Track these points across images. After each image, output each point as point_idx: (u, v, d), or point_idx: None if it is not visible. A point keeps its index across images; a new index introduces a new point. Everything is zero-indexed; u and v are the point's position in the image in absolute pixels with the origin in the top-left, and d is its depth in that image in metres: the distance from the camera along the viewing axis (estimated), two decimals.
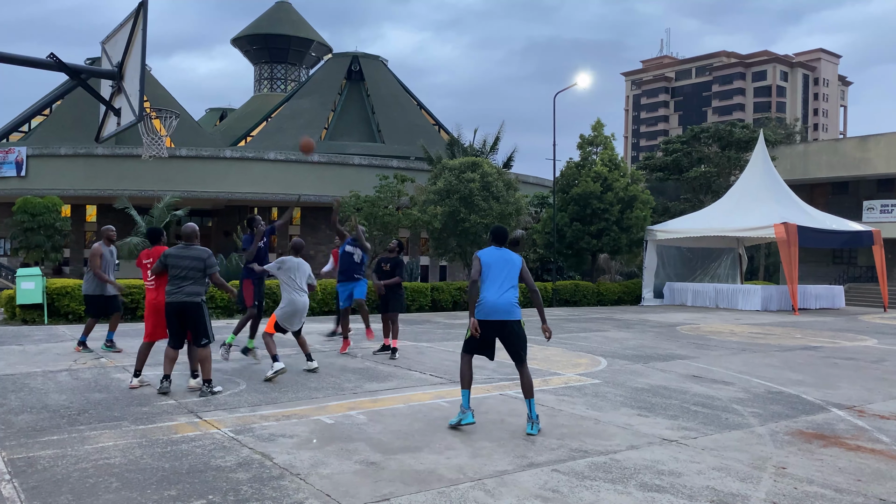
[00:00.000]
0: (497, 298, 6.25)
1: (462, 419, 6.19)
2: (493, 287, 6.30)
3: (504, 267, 6.36)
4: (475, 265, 6.34)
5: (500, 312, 6.24)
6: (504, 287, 6.32)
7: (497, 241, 6.50)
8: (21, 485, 4.49)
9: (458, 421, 6.20)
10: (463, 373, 6.34)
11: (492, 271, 6.33)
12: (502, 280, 6.33)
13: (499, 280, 6.32)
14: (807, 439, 6.02)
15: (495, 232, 6.54)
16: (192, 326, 7.34)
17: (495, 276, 6.32)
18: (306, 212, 50.12)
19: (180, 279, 7.28)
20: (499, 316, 6.24)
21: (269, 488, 4.49)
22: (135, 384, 7.60)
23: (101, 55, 8.63)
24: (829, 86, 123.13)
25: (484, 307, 6.24)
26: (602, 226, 25.25)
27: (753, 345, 12.83)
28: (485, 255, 6.38)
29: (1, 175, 44.50)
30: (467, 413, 6.20)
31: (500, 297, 6.27)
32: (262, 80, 76.02)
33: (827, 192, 39.14)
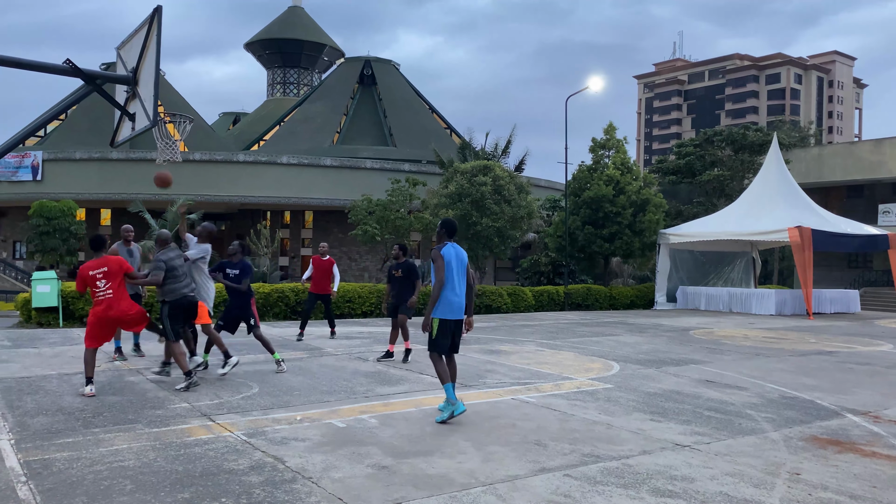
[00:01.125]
0: (461, 298, 6.64)
1: (454, 410, 6.42)
2: (456, 286, 6.61)
3: (461, 265, 6.67)
4: (440, 264, 6.53)
5: (461, 311, 6.65)
6: (463, 285, 6.68)
7: (452, 236, 6.73)
8: (37, 487, 4.53)
9: (450, 414, 6.43)
10: (443, 370, 6.58)
11: (453, 271, 6.59)
12: (461, 278, 6.66)
13: (458, 279, 6.64)
14: (821, 445, 5.97)
15: (450, 226, 6.73)
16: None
17: (456, 275, 6.62)
18: (318, 215, 50.29)
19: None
20: (461, 314, 6.65)
21: (281, 491, 4.51)
22: (92, 392, 7.35)
23: (116, 60, 8.71)
24: (843, 88, 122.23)
25: (453, 307, 6.57)
26: (614, 229, 25.17)
27: (767, 349, 12.74)
28: (447, 255, 6.59)
29: (17, 179, 45.00)
30: (458, 403, 6.44)
31: (461, 296, 6.65)
32: (275, 84, 76.43)
33: (842, 196, 38.82)
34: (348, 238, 35.66)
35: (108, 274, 7.52)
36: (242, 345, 11.82)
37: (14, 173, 44.80)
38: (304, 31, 74.45)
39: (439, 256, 6.56)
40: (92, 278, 7.49)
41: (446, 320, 6.57)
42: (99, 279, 7.49)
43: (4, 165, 43.82)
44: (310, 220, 51.40)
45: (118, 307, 7.53)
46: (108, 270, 7.54)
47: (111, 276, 7.54)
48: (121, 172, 44.24)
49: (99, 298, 7.50)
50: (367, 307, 19.25)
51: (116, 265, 7.61)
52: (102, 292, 7.50)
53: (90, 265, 7.54)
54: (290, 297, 18.02)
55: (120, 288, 7.59)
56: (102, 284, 7.49)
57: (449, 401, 6.47)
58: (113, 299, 7.51)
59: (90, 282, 7.49)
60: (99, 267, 7.53)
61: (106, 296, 7.49)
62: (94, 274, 7.49)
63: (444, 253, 6.59)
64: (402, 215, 28.75)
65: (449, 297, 6.55)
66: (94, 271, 7.50)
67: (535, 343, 13.00)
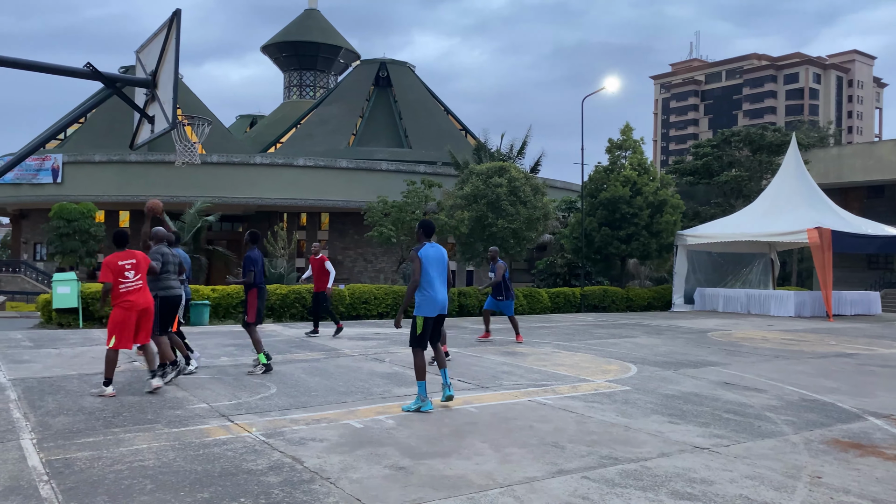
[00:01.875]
0: (443, 296, 7.05)
1: (422, 406, 6.86)
2: (438, 284, 7.01)
3: (441, 264, 7.08)
4: (416, 265, 6.91)
5: (444, 307, 7.07)
6: (444, 283, 7.10)
7: (429, 236, 7.13)
8: (58, 485, 4.58)
9: (417, 407, 6.86)
10: (422, 366, 7.00)
11: (434, 269, 6.99)
12: (441, 277, 7.07)
13: (439, 277, 7.04)
14: (842, 448, 5.90)
15: (427, 227, 7.15)
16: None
17: (436, 273, 7.02)
18: (334, 217, 50.48)
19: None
20: (444, 311, 7.08)
21: (299, 492, 4.53)
22: (112, 392, 7.47)
23: (135, 64, 8.80)
24: (863, 88, 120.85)
25: (436, 304, 6.99)
26: (631, 230, 25.04)
27: (786, 351, 12.62)
28: (425, 255, 6.97)
29: (38, 182, 45.54)
30: (427, 401, 6.89)
31: (444, 293, 7.07)
32: (292, 86, 76.82)
33: (862, 196, 38.38)
34: (364, 239, 35.74)
35: (136, 266, 7.69)
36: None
37: (35, 176, 45.35)
38: (320, 34, 74.78)
39: (416, 257, 6.94)
40: (121, 268, 7.59)
41: (430, 318, 7.01)
42: (128, 270, 7.62)
43: (25, 168, 44.36)
44: (326, 221, 51.58)
45: (145, 299, 7.69)
46: (136, 262, 7.71)
47: (139, 269, 7.71)
48: (139, 175, 44.65)
49: (128, 289, 7.57)
50: (382, 308, 19.29)
51: (143, 259, 7.83)
52: (132, 283, 7.61)
53: (118, 256, 7.67)
54: (306, 297, 18.09)
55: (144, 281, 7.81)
56: (132, 275, 7.62)
57: (420, 396, 6.91)
58: (142, 290, 7.68)
59: (119, 272, 7.58)
60: (127, 258, 7.67)
61: (136, 286, 7.62)
62: (124, 264, 7.62)
63: (422, 254, 6.97)
64: (417, 217, 28.75)
65: (431, 295, 6.97)
66: (124, 262, 7.63)
67: (551, 345, 12.97)
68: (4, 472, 4.83)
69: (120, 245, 7.83)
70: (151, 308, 7.80)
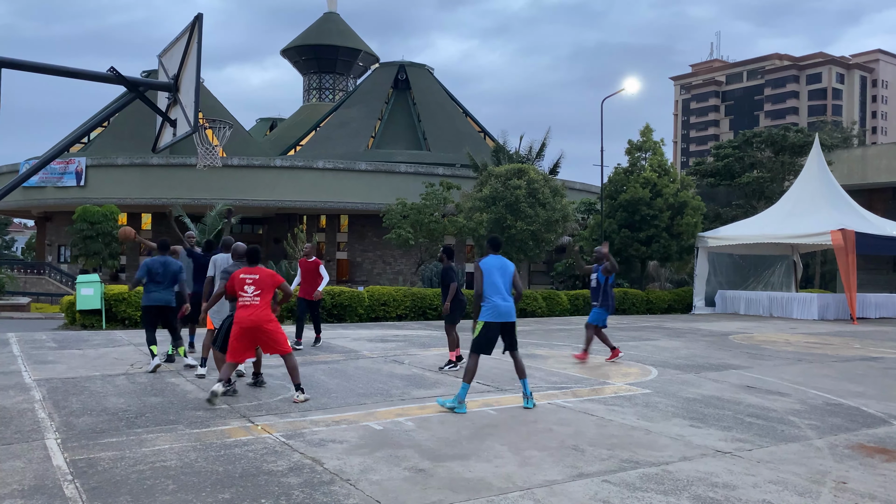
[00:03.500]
0: (505, 302, 7.28)
1: (456, 408, 7.01)
2: (501, 292, 7.30)
3: (504, 273, 7.38)
4: (478, 275, 7.32)
5: (509, 315, 7.30)
6: (508, 292, 7.35)
7: (495, 249, 7.56)
8: (82, 485, 4.63)
9: (451, 407, 7.03)
10: (473, 369, 7.26)
11: (496, 278, 7.32)
12: (506, 285, 7.36)
13: (504, 285, 7.34)
14: (868, 453, 5.81)
15: (494, 241, 7.65)
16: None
17: (499, 282, 7.32)
18: (353, 219, 50.67)
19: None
20: (508, 318, 7.30)
21: (319, 493, 4.55)
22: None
23: (157, 68, 8.89)
24: (888, 87, 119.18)
25: (497, 310, 7.24)
26: (651, 232, 24.88)
27: (810, 355, 12.46)
28: (486, 265, 7.35)
29: (62, 185, 46.17)
30: (462, 405, 7.04)
31: (506, 301, 7.29)
32: (311, 89, 77.21)
33: (887, 198, 37.77)
34: (383, 242, 35.85)
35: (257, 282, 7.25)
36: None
37: (59, 179, 45.98)
38: (339, 37, 75.11)
39: (477, 268, 7.37)
40: (241, 282, 7.25)
41: (490, 323, 7.23)
42: (248, 284, 7.24)
43: (50, 171, 44.99)
44: (345, 224, 51.78)
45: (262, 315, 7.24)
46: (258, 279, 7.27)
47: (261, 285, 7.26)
48: (161, 178, 45.12)
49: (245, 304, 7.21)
50: (401, 310, 19.31)
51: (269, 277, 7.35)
52: (250, 298, 7.21)
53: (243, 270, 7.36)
54: (325, 299, 18.16)
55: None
56: (251, 290, 7.22)
57: (459, 397, 7.08)
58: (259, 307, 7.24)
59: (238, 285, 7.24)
60: (250, 274, 7.30)
61: (253, 302, 7.21)
62: (244, 278, 7.26)
63: (482, 264, 7.37)
64: (436, 219, 28.82)
65: (493, 302, 7.24)
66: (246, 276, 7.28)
67: (571, 347, 12.90)
68: (30, 472, 4.90)
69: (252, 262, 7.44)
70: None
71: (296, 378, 7.41)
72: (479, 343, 7.25)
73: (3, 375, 8.88)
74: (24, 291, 44.41)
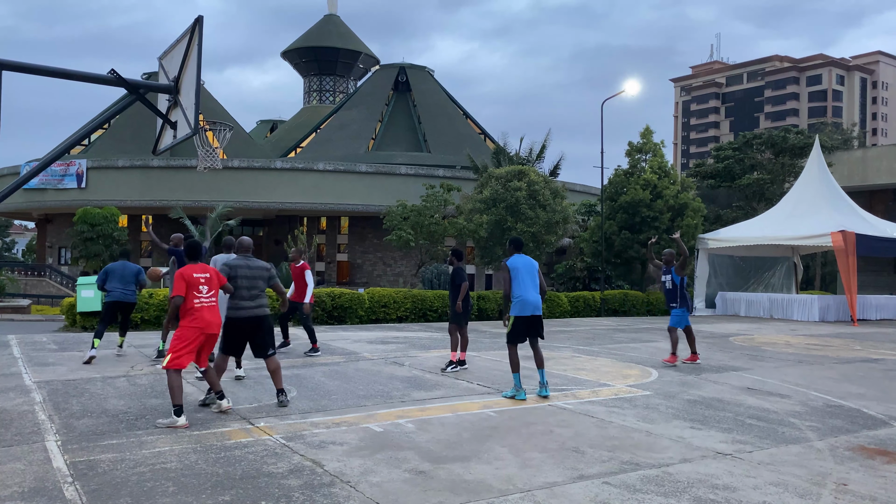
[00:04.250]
0: (534, 297, 7.93)
1: (516, 395, 7.76)
2: (529, 288, 7.91)
3: (531, 271, 8.02)
4: (506, 275, 7.91)
5: (537, 309, 7.95)
6: (536, 287, 8.01)
7: (518, 248, 8.16)
8: (83, 487, 4.63)
9: (512, 395, 7.80)
10: (514, 359, 7.93)
11: (525, 275, 7.94)
12: (533, 281, 7.98)
13: (530, 282, 7.95)
14: (869, 455, 5.81)
15: (517, 242, 8.22)
16: (261, 339, 7.17)
17: (528, 279, 7.95)
18: (354, 221, 50.68)
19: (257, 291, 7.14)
20: (536, 311, 7.94)
21: (319, 495, 4.54)
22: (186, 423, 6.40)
23: (158, 70, 8.90)
24: (888, 89, 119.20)
25: (527, 305, 7.88)
26: (652, 234, 24.87)
27: (810, 356, 12.45)
28: (514, 264, 7.97)
29: (63, 187, 46.19)
30: (521, 391, 7.80)
31: (535, 296, 7.95)
32: (312, 91, 77.26)
33: (887, 199, 37.76)
34: (383, 243, 35.85)
35: (209, 281, 6.85)
36: (280, 349, 11.96)
37: (60, 181, 46.00)
38: (339, 39, 75.17)
39: (506, 267, 7.95)
40: (196, 280, 6.75)
41: (520, 317, 7.88)
42: (202, 283, 6.79)
43: (51, 173, 45.01)
44: (346, 225, 51.79)
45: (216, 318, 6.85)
46: (209, 277, 6.86)
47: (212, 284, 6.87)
48: (162, 179, 45.14)
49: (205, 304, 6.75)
50: (402, 312, 19.31)
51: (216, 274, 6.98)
52: (206, 298, 6.78)
53: (196, 268, 6.84)
54: (326, 301, 18.17)
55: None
56: (206, 290, 6.79)
57: (515, 386, 7.81)
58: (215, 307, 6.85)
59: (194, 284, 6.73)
60: (203, 272, 6.84)
61: (211, 303, 6.80)
62: (198, 277, 6.78)
63: (510, 263, 7.96)
64: (436, 221, 28.80)
65: (523, 298, 7.86)
66: (199, 275, 6.79)
67: (571, 349, 12.90)
68: (30, 474, 4.89)
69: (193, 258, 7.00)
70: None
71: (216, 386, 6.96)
72: (515, 335, 7.95)
73: (4, 377, 8.88)
74: (25, 293, 44.44)
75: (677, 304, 11.17)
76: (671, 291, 11.20)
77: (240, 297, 7.10)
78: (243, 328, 7.10)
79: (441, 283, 23.52)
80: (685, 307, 11.18)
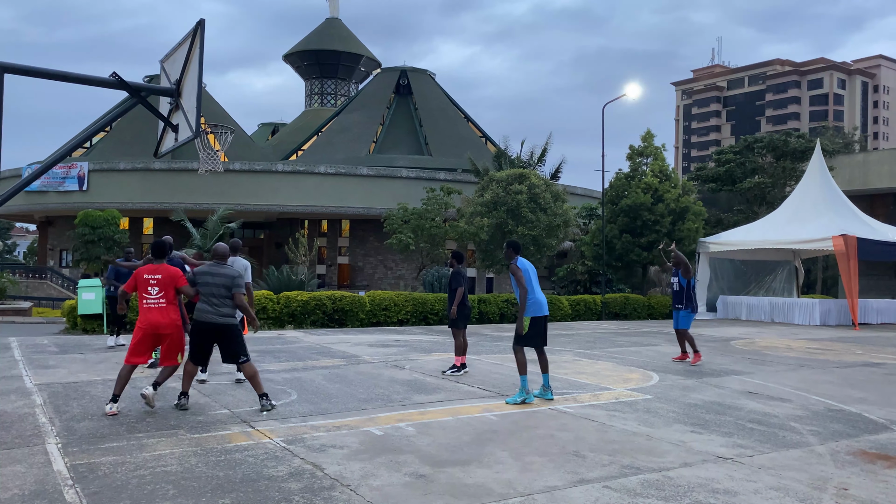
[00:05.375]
0: (544, 298, 8.00)
1: (526, 398, 7.69)
2: (538, 289, 7.97)
3: (534, 272, 8.09)
4: (520, 275, 7.81)
5: (547, 309, 8.03)
6: (539, 288, 8.03)
7: (518, 251, 8.12)
8: (83, 490, 4.63)
9: (522, 399, 7.67)
10: (522, 361, 7.89)
11: (533, 277, 7.99)
12: (537, 283, 8.03)
13: (536, 284, 7.99)
14: (870, 460, 5.80)
15: (516, 245, 8.14)
16: (226, 347, 7.19)
17: (534, 280, 8.00)
18: (355, 224, 50.68)
19: (217, 298, 7.11)
20: (547, 311, 8.02)
21: (320, 499, 4.54)
22: (114, 411, 6.87)
23: (159, 73, 8.91)
24: (889, 93, 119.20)
25: (542, 305, 7.92)
26: (653, 238, 24.87)
27: (811, 360, 12.44)
28: (524, 265, 7.96)
29: (64, 189, 46.21)
30: (529, 394, 7.76)
31: (543, 296, 8.02)
32: (313, 95, 77.34)
33: (889, 203, 37.76)
34: (384, 246, 35.84)
35: (160, 282, 7.01)
36: (281, 351, 11.97)
37: (61, 183, 46.03)
38: (341, 43, 75.23)
39: (517, 269, 7.81)
40: (145, 281, 6.99)
41: (537, 318, 7.86)
42: (151, 285, 6.98)
43: (52, 176, 45.05)
44: (346, 228, 51.80)
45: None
46: (160, 279, 7.02)
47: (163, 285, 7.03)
48: (163, 182, 45.16)
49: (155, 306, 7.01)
50: (402, 315, 19.31)
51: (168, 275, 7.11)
52: (154, 300, 7.00)
53: (147, 269, 7.11)
54: (327, 304, 18.17)
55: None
56: (154, 292, 6.99)
57: (524, 389, 7.74)
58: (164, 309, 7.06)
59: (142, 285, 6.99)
60: (154, 273, 7.04)
61: (159, 304, 7.01)
62: (148, 278, 6.99)
63: (521, 264, 7.91)
64: (437, 224, 28.82)
65: (536, 298, 7.86)
66: (149, 276, 7.01)
67: (572, 353, 12.90)
68: (30, 477, 4.89)
69: (158, 256, 7.24)
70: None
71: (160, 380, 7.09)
72: (531, 337, 7.84)
73: (5, 380, 8.88)
74: (26, 296, 44.42)
75: (682, 304, 11.68)
76: (678, 293, 11.77)
77: (202, 303, 7.15)
78: (201, 332, 7.12)
79: (442, 286, 23.53)
80: (691, 308, 11.64)
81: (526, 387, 7.74)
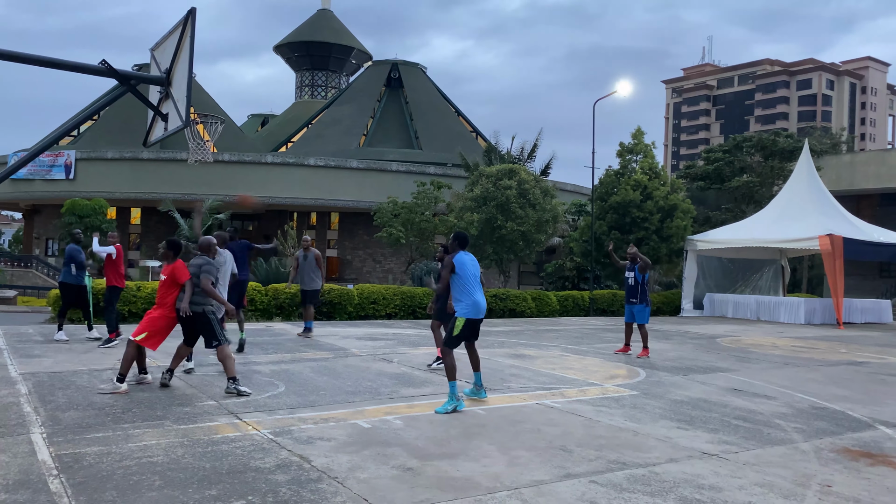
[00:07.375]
0: (482, 299, 7.36)
1: (457, 406, 7.00)
2: (477, 289, 7.38)
3: (476, 270, 7.46)
4: (447, 273, 7.34)
5: (483, 310, 7.39)
6: (480, 287, 7.45)
7: (464, 246, 7.56)
8: (68, 480, 4.60)
9: (453, 407, 6.95)
10: (454, 365, 7.23)
11: (471, 275, 7.35)
12: (478, 283, 7.45)
13: (478, 282, 7.42)
14: (853, 457, 5.86)
15: (462, 237, 7.59)
16: (199, 332, 7.81)
17: (474, 278, 7.37)
18: (344, 217, 50.56)
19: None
20: (483, 314, 7.38)
21: (307, 491, 4.54)
22: (125, 388, 7.49)
23: (150, 62, 8.83)
24: (877, 95, 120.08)
25: (478, 307, 7.30)
26: (641, 235, 24.96)
27: (796, 359, 12.54)
28: (460, 261, 7.36)
29: (51, 178, 45.81)
30: (461, 401, 7.11)
31: (482, 297, 7.40)
32: (304, 86, 77.01)
33: (874, 204, 38.10)
34: (373, 240, 35.80)
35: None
36: (269, 343, 11.94)
37: (48, 172, 45.62)
38: (332, 34, 74.91)
39: (451, 264, 7.35)
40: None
41: (471, 320, 7.32)
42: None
43: (39, 164, 44.62)
44: (336, 221, 51.67)
45: None
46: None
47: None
48: (151, 172, 44.85)
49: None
50: (391, 309, 19.30)
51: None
52: None
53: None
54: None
55: None
56: None
57: (454, 395, 7.03)
58: None
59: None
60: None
61: None
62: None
63: (457, 260, 7.37)
64: (426, 218, 28.81)
65: (473, 300, 7.29)
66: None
67: (559, 348, 12.94)
68: (14, 466, 4.86)
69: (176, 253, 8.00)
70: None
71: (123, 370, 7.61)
72: (459, 339, 7.38)
73: None
74: (11, 284, 44.03)
75: (637, 299, 11.94)
76: (632, 287, 11.96)
77: None
78: (182, 319, 7.73)
79: None
80: (645, 303, 11.97)
81: (455, 392, 7.05)
